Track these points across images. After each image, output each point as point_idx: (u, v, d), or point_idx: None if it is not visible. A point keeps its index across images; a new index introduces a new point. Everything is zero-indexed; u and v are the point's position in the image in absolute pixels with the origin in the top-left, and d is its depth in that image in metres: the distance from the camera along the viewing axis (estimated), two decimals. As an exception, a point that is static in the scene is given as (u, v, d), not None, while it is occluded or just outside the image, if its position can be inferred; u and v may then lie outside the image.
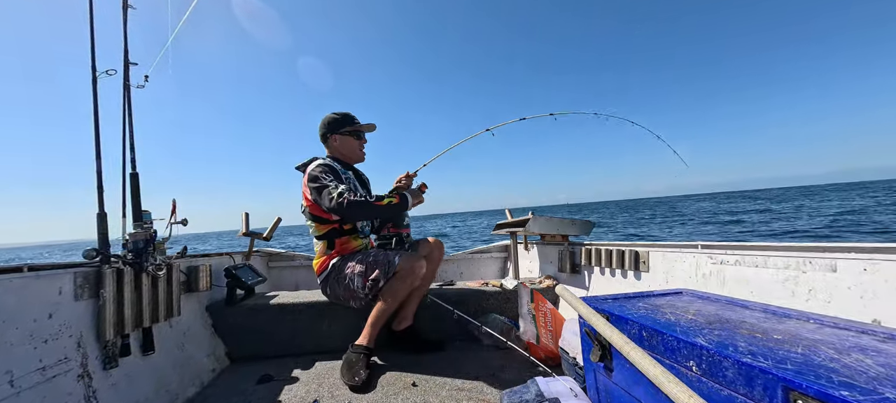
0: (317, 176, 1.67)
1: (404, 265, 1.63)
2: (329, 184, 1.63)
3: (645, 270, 1.79)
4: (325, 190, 1.61)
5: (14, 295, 1.06)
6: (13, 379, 0.99)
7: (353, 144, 1.87)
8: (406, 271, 1.62)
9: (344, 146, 1.86)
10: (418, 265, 1.65)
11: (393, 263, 1.63)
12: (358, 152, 1.90)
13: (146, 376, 1.37)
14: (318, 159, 1.80)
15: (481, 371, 1.58)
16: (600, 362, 1.02)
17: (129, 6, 1.57)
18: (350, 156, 1.89)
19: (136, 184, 1.49)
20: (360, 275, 1.68)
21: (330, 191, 1.59)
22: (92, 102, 1.41)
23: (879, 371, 0.61)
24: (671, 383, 0.66)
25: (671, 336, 0.81)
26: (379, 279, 1.65)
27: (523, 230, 2.29)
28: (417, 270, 1.65)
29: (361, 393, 1.41)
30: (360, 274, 1.68)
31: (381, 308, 1.63)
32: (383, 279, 1.64)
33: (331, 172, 1.70)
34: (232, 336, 1.86)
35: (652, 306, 1.06)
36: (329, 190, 1.60)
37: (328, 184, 1.63)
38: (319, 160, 1.78)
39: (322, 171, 1.68)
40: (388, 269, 1.64)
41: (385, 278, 1.64)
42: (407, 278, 1.63)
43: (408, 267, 1.63)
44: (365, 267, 1.68)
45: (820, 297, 1.14)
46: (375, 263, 1.66)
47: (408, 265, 1.63)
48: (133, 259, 1.37)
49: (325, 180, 1.64)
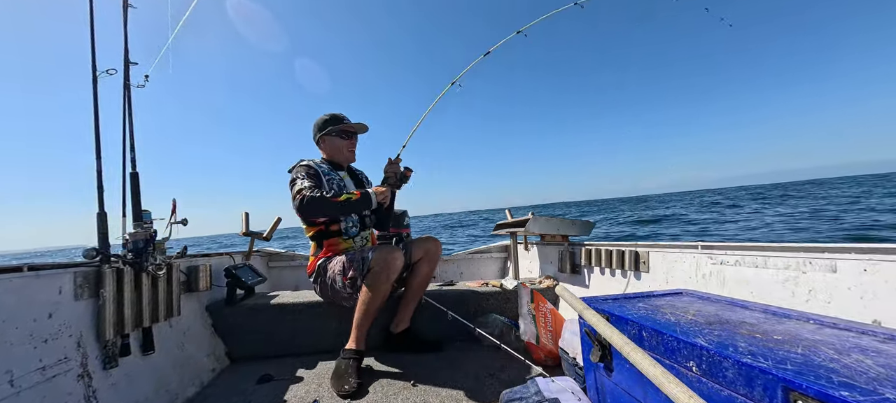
0: (292, 176, 1.69)
1: (377, 258, 1.58)
2: (297, 181, 1.64)
3: (645, 270, 1.79)
4: (293, 186, 1.64)
5: (14, 294, 1.06)
6: (13, 379, 0.99)
7: (339, 144, 1.86)
8: (380, 264, 1.57)
9: (331, 147, 1.86)
10: (392, 257, 1.58)
11: (367, 259, 1.61)
12: (345, 153, 1.88)
13: (146, 376, 1.37)
14: (304, 160, 1.80)
15: (481, 372, 1.58)
16: (600, 362, 1.02)
17: (130, 5, 1.57)
18: (338, 157, 1.88)
19: (137, 184, 1.49)
20: (339, 275, 1.68)
21: (294, 188, 1.62)
22: (92, 102, 1.41)
23: (879, 371, 0.61)
24: (671, 383, 0.66)
25: (671, 337, 0.81)
26: (356, 277, 1.63)
27: (523, 230, 2.29)
28: (391, 262, 1.58)
29: (354, 400, 1.39)
30: (339, 274, 1.68)
31: (361, 306, 1.60)
32: (360, 276, 1.62)
33: (305, 171, 1.70)
34: (232, 336, 1.86)
35: (652, 306, 1.06)
36: (295, 185, 1.63)
37: (296, 181, 1.64)
38: (304, 161, 1.79)
39: (297, 170, 1.70)
40: (362, 266, 1.62)
41: (361, 275, 1.62)
42: (382, 272, 1.57)
43: (381, 260, 1.57)
44: (342, 266, 1.68)
45: (820, 298, 1.14)
46: (352, 261, 1.66)
47: (380, 258, 1.58)
48: (133, 258, 1.37)
49: (296, 178, 1.66)
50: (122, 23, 1.54)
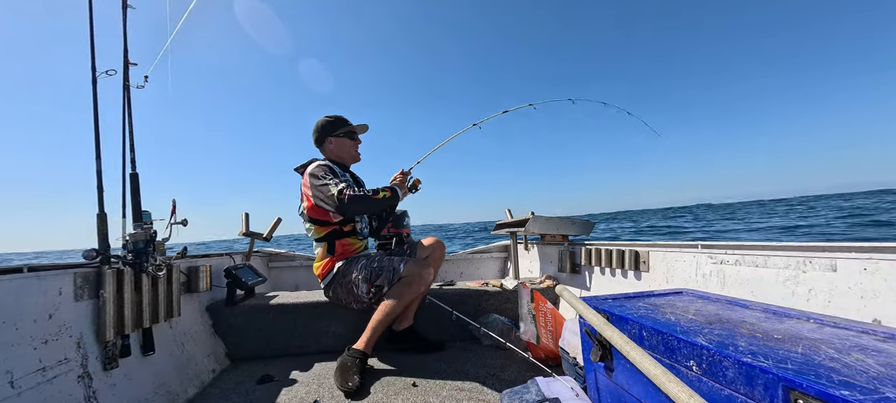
0: (318, 174, 1.69)
1: (412, 270, 1.63)
2: (330, 182, 1.65)
3: (645, 270, 1.79)
4: (326, 187, 1.64)
5: (14, 295, 1.06)
6: (13, 380, 0.99)
7: (348, 146, 1.88)
8: (414, 276, 1.63)
9: (340, 148, 1.87)
10: (426, 272, 1.65)
11: (398, 271, 1.64)
12: (353, 153, 1.91)
13: (146, 376, 1.37)
14: (318, 160, 1.82)
15: (481, 372, 1.58)
16: (600, 362, 1.02)
17: (129, 6, 1.57)
18: (346, 158, 1.90)
19: (136, 185, 1.49)
20: (364, 281, 1.68)
21: (330, 189, 1.62)
22: (92, 102, 1.41)
23: (880, 370, 0.61)
24: (672, 383, 0.66)
25: (671, 336, 0.81)
26: (383, 285, 1.66)
27: (523, 230, 2.29)
28: (425, 276, 1.65)
29: (355, 399, 1.40)
30: (364, 280, 1.68)
31: (383, 312, 1.62)
32: (388, 285, 1.65)
33: (330, 171, 1.72)
34: (232, 337, 1.86)
35: (652, 306, 1.06)
36: (329, 187, 1.63)
37: (329, 181, 1.65)
38: (318, 161, 1.80)
39: (321, 170, 1.70)
40: (393, 276, 1.65)
41: (389, 285, 1.65)
42: (413, 284, 1.63)
43: (416, 273, 1.63)
44: (370, 272, 1.68)
45: (820, 297, 1.14)
46: (381, 269, 1.67)
47: (416, 270, 1.63)
48: (133, 259, 1.36)
49: (327, 178, 1.67)
50: (122, 23, 1.54)
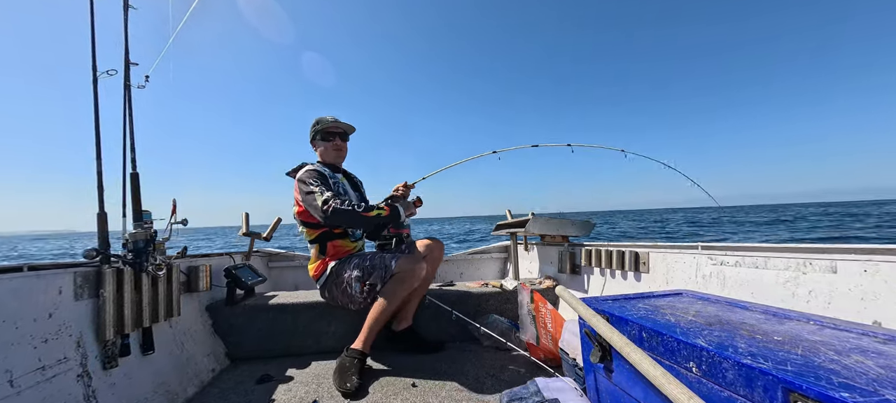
0: (305, 181, 1.68)
1: (403, 266, 1.62)
2: (315, 189, 1.62)
3: (645, 271, 1.79)
4: (312, 196, 1.62)
5: (14, 294, 1.06)
6: (13, 379, 0.99)
7: (328, 147, 1.86)
8: (405, 273, 1.62)
9: (324, 150, 1.87)
10: (418, 267, 1.64)
11: (389, 267, 1.63)
12: (332, 153, 1.88)
13: (146, 376, 1.37)
14: (308, 164, 1.80)
15: (481, 372, 1.58)
16: (600, 363, 1.02)
17: (130, 6, 1.57)
18: (328, 159, 1.89)
19: (137, 184, 1.49)
20: (357, 280, 1.68)
21: (315, 198, 1.60)
22: (93, 102, 1.41)
23: (880, 372, 0.61)
24: (671, 384, 0.66)
25: (671, 338, 0.81)
26: (376, 283, 1.65)
27: (523, 230, 2.29)
28: (418, 271, 1.64)
29: (354, 400, 1.40)
30: (357, 279, 1.68)
31: (378, 310, 1.62)
32: (381, 283, 1.64)
33: (318, 177, 1.69)
34: (232, 337, 1.86)
35: (652, 307, 1.06)
36: (315, 196, 1.61)
37: (314, 189, 1.63)
38: (309, 165, 1.79)
39: (310, 176, 1.68)
40: (385, 274, 1.64)
41: (382, 282, 1.64)
42: (406, 280, 1.62)
43: (407, 269, 1.62)
44: (362, 271, 1.68)
45: (820, 298, 1.14)
46: (373, 267, 1.66)
47: (407, 266, 1.62)
48: (133, 259, 1.36)
49: (312, 186, 1.64)
50: (123, 23, 1.54)
